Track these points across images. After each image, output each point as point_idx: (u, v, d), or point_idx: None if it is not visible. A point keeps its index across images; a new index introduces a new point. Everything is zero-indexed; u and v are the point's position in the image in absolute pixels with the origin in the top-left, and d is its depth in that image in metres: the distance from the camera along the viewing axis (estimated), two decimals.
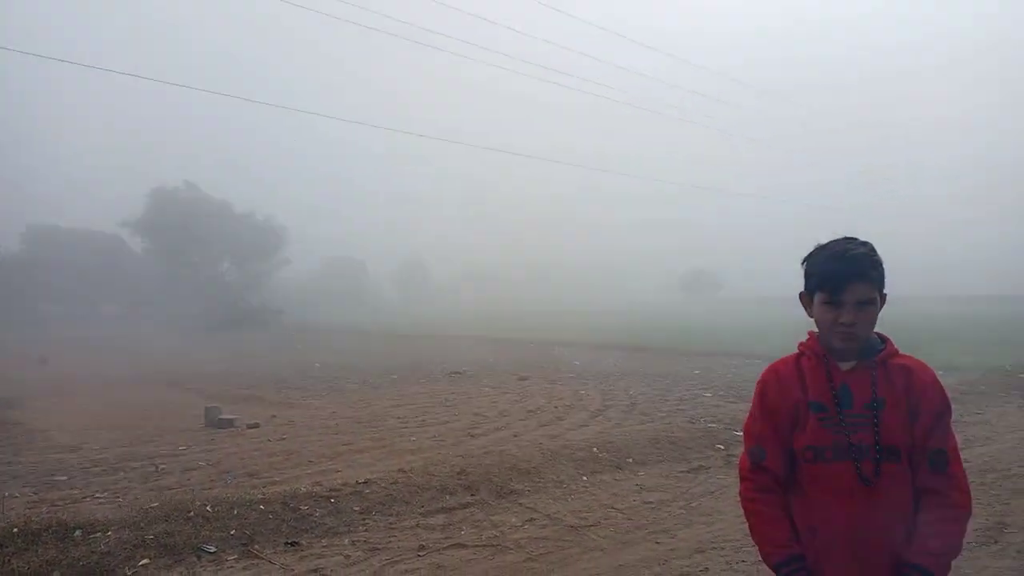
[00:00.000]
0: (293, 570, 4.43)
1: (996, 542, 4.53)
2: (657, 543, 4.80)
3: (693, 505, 5.65)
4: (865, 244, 1.82)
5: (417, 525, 5.22)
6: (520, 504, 5.66)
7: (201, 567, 4.44)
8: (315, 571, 4.43)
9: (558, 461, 6.67)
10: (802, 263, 1.89)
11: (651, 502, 5.71)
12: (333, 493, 5.68)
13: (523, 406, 11.25)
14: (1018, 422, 8.95)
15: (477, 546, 4.85)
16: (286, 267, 58.08)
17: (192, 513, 5.11)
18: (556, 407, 11.11)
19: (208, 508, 5.22)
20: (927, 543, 1.73)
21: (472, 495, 5.79)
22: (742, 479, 1.92)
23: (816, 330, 1.90)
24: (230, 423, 9.63)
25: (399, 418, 10.20)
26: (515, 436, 8.71)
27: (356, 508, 5.45)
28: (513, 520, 5.30)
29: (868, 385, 1.80)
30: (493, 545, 4.85)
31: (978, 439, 7.98)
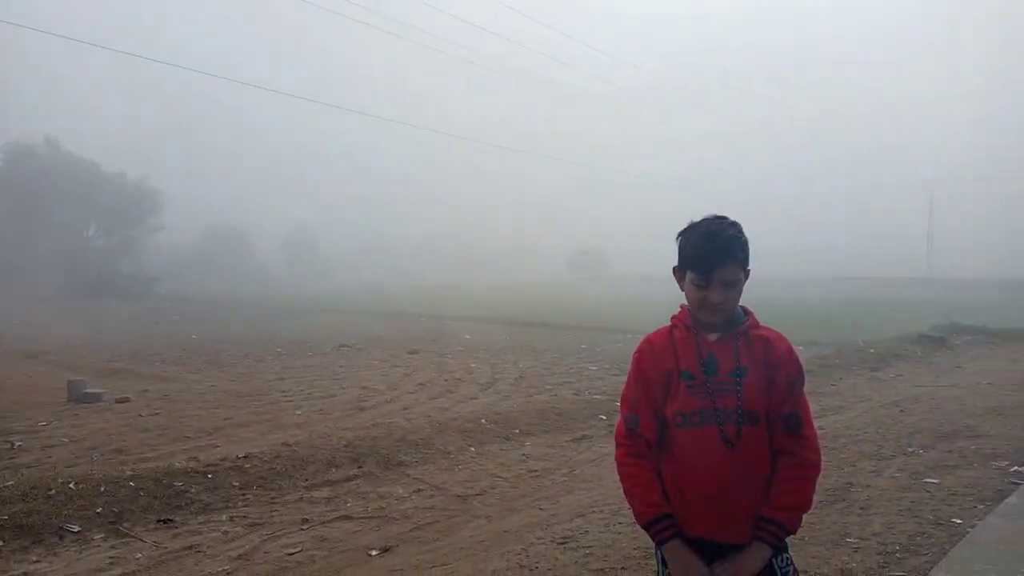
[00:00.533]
0: (166, 547, 4.25)
1: (844, 500, 4.97)
2: (540, 509, 4.95)
3: (576, 472, 5.86)
4: (734, 225, 1.92)
5: (301, 499, 5.13)
6: (407, 475, 5.67)
7: (63, 547, 4.18)
8: (190, 548, 4.27)
9: (446, 433, 6.72)
10: (676, 238, 1.98)
11: (536, 470, 5.87)
12: (210, 468, 5.47)
13: (413, 379, 11.23)
14: (867, 392, 9.83)
15: (363, 518, 4.84)
16: (161, 234, 54.67)
17: (53, 491, 4.78)
18: (446, 380, 11.17)
19: (72, 486, 4.89)
20: (781, 499, 1.87)
21: (359, 467, 5.75)
22: (617, 445, 2.00)
23: (687, 302, 1.99)
24: (96, 397, 9.04)
25: (284, 392, 9.93)
26: (404, 409, 8.70)
27: (235, 483, 5.28)
28: (400, 491, 5.31)
29: (732, 354, 1.91)
30: (379, 516, 4.84)
31: (832, 408, 8.71)
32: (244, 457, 5.75)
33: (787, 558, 1.94)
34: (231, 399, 9.26)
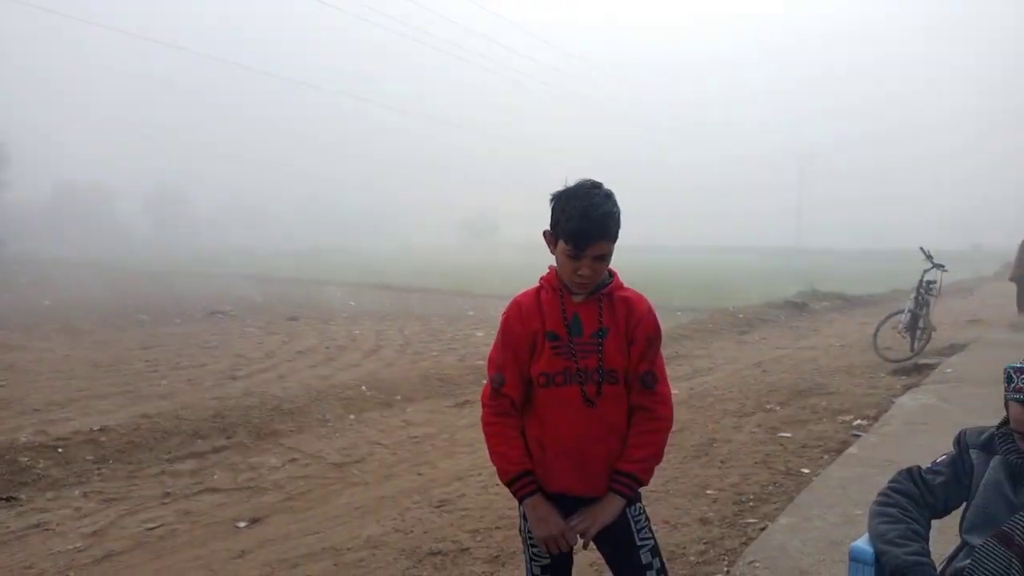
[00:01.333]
0: (8, 527, 3.91)
1: (706, 455, 5.27)
2: (419, 474, 4.93)
3: (456, 437, 5.87)
4: (608, 197, 1.90)
5: (163, 472, 4.85)
6: (281, 445, 5.49)
7: None
8: (36, 526, 3.95)
9: (324, 400, 6.55)
10: (550, 201, 1.95)
11: (416, 436, 5.83)
12: (61, 442, 5.06)
13: (292, 347, 10.87)
14: (734, 354, 10.45)
15: (231, 489, 4.64)
16: (8, 192, 49.67)
17: None
18: (327, 348, 10.88)
19: None
20: (635, 452, 1.94)
21: (228, 438, 5.50)
22: (483, 405, 2.00)
23: (556, 265, 1.99)
24: None
25: (148, 362, 9.33)
26: (281, 377, 8.41)
27: (89, 457, 4.92)
28: (273, 461, 5.13)
29: (595, 315, 1.94)
30: (249, 487, 4.66)
31: (702, 369, 9.20)
32: (99, 430, 5.35)
33: (640, 507, 2.01)
34: (87, 369, 8.60)
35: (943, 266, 9.25)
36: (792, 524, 3.59)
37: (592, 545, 1.99)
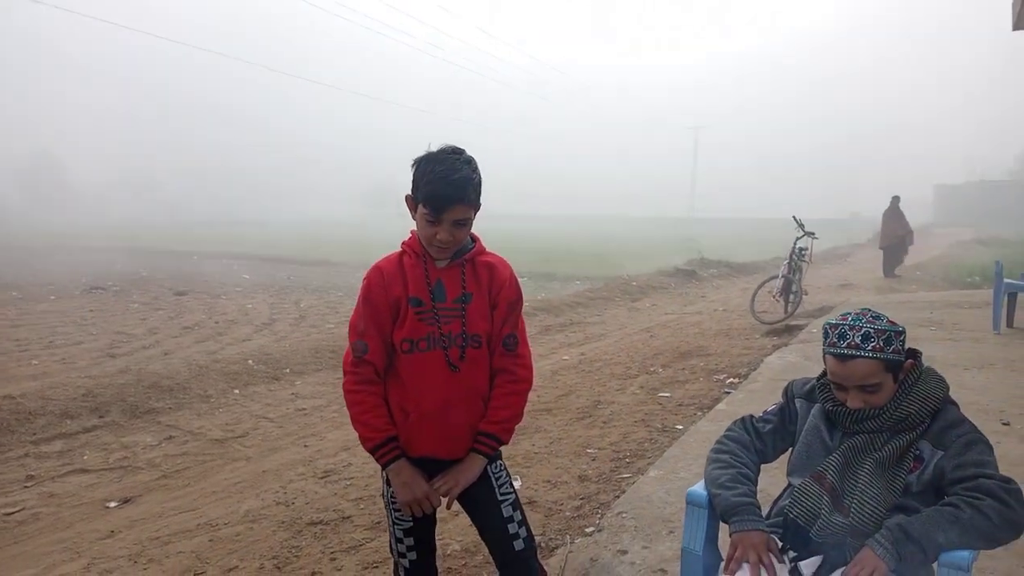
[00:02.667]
0: None
1: (591, 416, 5.48)
2: (305, 446, 4.88)
3: (345, 409, 5.83)
4: (469, 163, 1.91)
5: (26, 455, 4.58)
6: (159, 423, 5.29)
7: None
8: None
9: (207, 376, 6.33)
10: (412, 166, 1.95)
11: (304, 409, 5.75)
12: None
13: (179, 322, 10.41)
14: (625, 321, 10.82)
15: (102, 470, 4.44)
16: None
17: None
18: (217, 323, 10.49)
19: None
20: (497, 413, 2.00)
21: (100, 417, 5.24)
22: (345, 373, 1.98)
23: (417, 230, 2.00)
24: None
25: (18, 341, 8.71)
26: (165, 354, 8.06)
27: None
28: (148, 439, 4.94)
29: (459, 281, 1.97)
30: (122, 467, 4.48)
31: (595, 336, 9.49)
32: None
33: (501, 464, 2.09)
34: None
35: (813, 234, 9.88)
36: (660, 476, 3.80)
37: (457, 506, 2.05)
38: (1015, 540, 1.70)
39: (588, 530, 3.37)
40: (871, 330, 1.79)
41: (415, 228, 2.00)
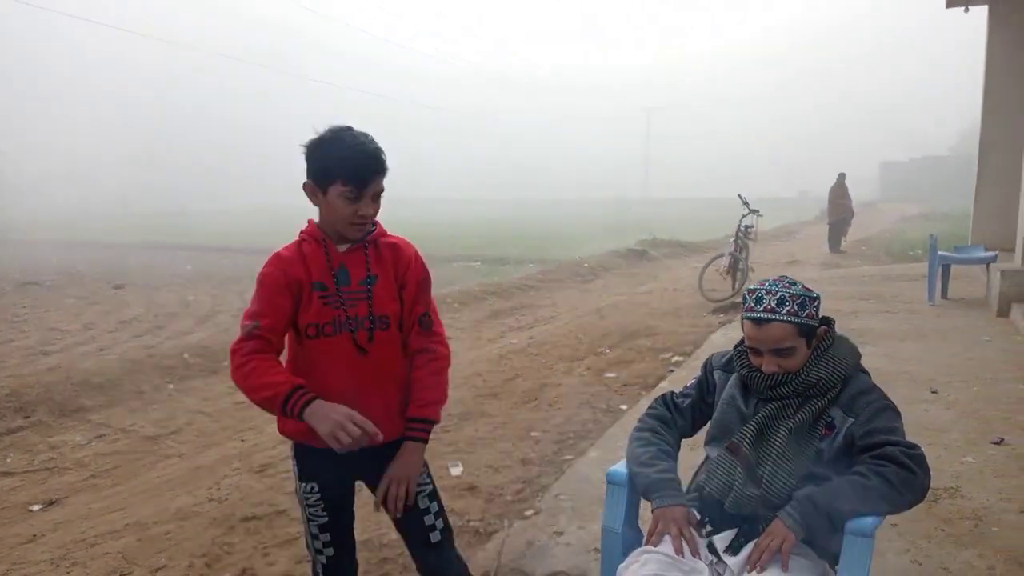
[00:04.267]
0: None
1: (536, 399, 5.46)
2: (242, 440, 4.75)
3: None
4: (368, 136, 1.87)
5: None
6: (88, 421, 5.10)
7: None
8: None
9: (140, 371, 6.12)
10: (306, 151, 1.85)
11: (242, 402, 5.58)
12: None
13: (116, 317, 10.07)
14: (576, 302, 10.85)
15: (27, 472, 4.27)
16: None
17: None
18: (156, 316, 10.20)
19: None
20: (425, 395, 1.95)
21: (25, 417, 5.03)
22: (232, 353, 1.86)
23: (322, 216, 1.92)
24: None
25: None
26: (100, 351, 7.79)
27: None
28: (77, 439, 4.76)
29: (363, 264, 1.92)
30: (48, 468, 4.30)
31: (544, 318, 9.49)
32: None
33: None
34: None
35: (758, 211, 10.02)
36: (599, 457, 3.80)
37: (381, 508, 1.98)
38: (919, 503, 1.74)
39: (527, 513, 3.35)
40: (786, 295, 1.82)
41: (314, 216, 1.94)
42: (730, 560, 1.75)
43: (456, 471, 4.02)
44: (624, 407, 5.00)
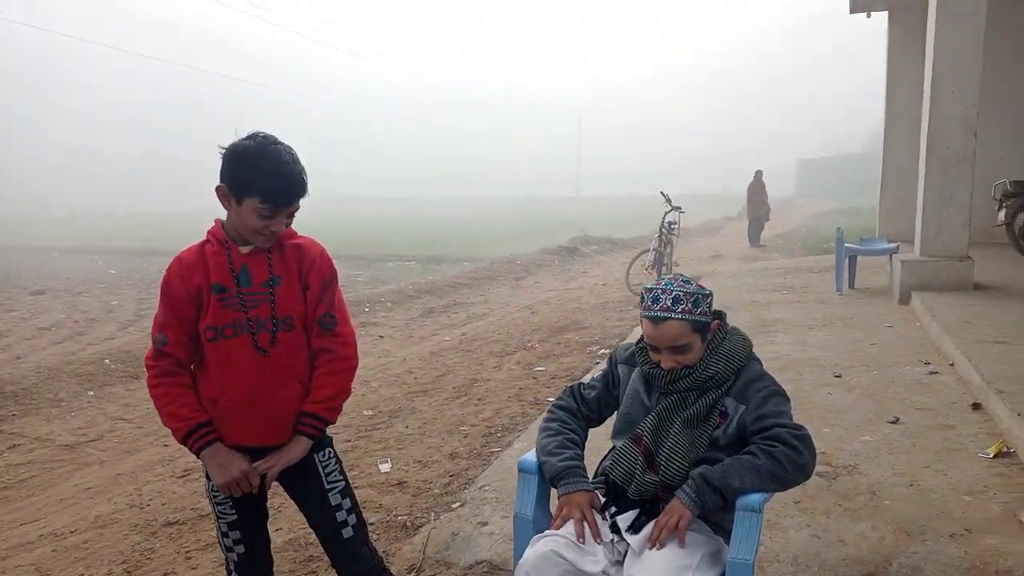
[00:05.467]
0: None
1: (466, 395, 5.54)
2: (165, 445, 4.66)
3: None
4: (292, 154, 1.89)
5: None
6: (0, 431, 4.90)
7: None
8: None
9: (58, 379, 5.92)
10: (226, 155, 1.86)
11: None
12: None
13: (33, 324, 9.67)
14: (508, 299, 10.99)
15: None
16: None
17: None
18: (77, 322, 9.83)
19: None
20: (318, 392, 1.98)
21: None
22: (147, 368, 1.92)
23: (223, 219, 1.94)
24: None
25: None
26: (17, 359, 7.47)
27: None
28: None
29: (266, 265, 1.94)
30: None
31: (476, 315, 9.58)
32: None
33: (329, 452, 2.07)
34: None
35: (680, 208, 10.36)
36: (523, 448, 3.90)
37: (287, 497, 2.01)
38: (806, 480, 1.88)
39: (454, 506, 3.42)
40: (681, 293, 1.91)
41: (222, 218, 1.95)
42: (631, 539, 1.86)
43: (385, 468, 4.06)
44: (552, 399, 5.06)
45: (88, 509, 3.71)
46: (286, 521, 3.32)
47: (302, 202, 1.95)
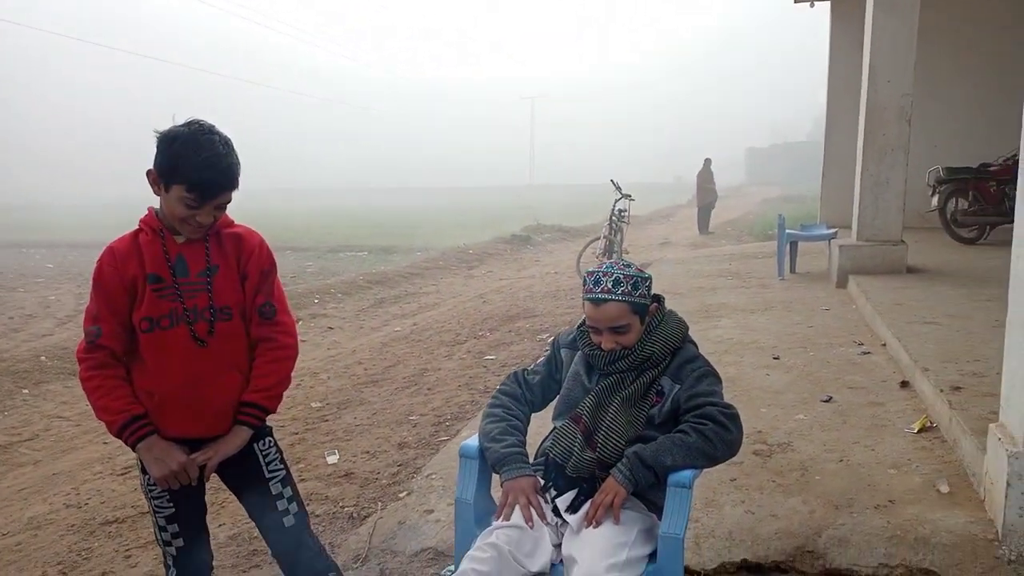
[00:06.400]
0: None
1: (416, 385, 5.53)
2: (105, 443, 4.54)
3: None
4: (227, 145, 1.85)
5: None
6: None
7: None
8: None
9: None
10: (159, 141, 1.82)
11: None
12: None
13: None
14: (460, 289, 10.98)
15: None
16: None
17: None
18: (12, 318, 9.47)
19: None
20: (258, 381, 1.96)
21: None
22: (79, 362, 1.88)
23: (162, 208, 1.91)
24: None
25: None
26: None
27: None
28: None
29: (203, 254, 1.91)
30: None
31: (428, 305, 9.55)
32: None
33: (269, 441, 2.05)
34: None
35: (630, 196, 10.49)
36: (470, 435, 3.92)
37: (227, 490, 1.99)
38: (735, 456, 1.96)
39: (401, 495, 3.43)
40: (621, 276, 1.96)
41: (155, 205, 1.92)
42: (570, 518, 1.90)
43: (332, 459, 4.04)
44: None
45: (21, 511, 3.60)
46: (229, 516, 3.28)
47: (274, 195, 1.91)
